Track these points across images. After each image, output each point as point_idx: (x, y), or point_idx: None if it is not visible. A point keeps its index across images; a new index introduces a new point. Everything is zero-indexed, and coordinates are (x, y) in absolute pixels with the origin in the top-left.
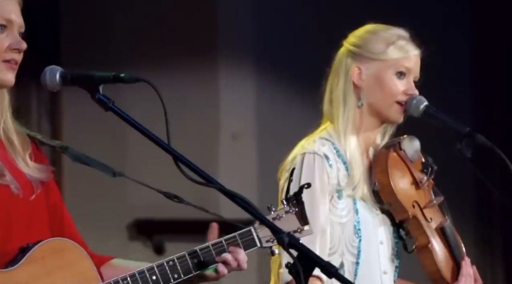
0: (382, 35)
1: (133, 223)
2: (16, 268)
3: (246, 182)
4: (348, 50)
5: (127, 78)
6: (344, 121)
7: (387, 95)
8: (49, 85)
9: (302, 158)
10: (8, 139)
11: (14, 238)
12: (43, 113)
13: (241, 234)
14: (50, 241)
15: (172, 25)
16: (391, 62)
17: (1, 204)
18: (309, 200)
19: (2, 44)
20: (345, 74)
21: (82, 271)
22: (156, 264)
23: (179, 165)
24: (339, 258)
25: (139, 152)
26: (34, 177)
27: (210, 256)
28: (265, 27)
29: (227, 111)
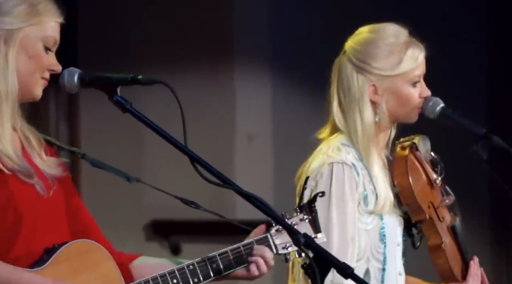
0: (385, 48)
1: (150, 224)
2: (43, 269)
3: (261, 183)
4: (355, 65)
5: (145, 80)
6: (364, 141)
7: (406, 105)
8: (68, 87)
9: (330, 168)
10: (26, 137)
11: (38, 238)
12: (62, 114)
13: (258, 240)
14: (75, 242)
15: (189, 28)
16: (405, 75)
17: (27, 205)
18: (340, 210)
19: (46, 63)
20: (359, 93)
21: (106, 273)
22: (177, 267)
23: (195, 166)
24: (365, 265)
25: (156, 153)
26: (49, 173)
27: (228, 261)
28: (280, 30)
29: (243, 113)
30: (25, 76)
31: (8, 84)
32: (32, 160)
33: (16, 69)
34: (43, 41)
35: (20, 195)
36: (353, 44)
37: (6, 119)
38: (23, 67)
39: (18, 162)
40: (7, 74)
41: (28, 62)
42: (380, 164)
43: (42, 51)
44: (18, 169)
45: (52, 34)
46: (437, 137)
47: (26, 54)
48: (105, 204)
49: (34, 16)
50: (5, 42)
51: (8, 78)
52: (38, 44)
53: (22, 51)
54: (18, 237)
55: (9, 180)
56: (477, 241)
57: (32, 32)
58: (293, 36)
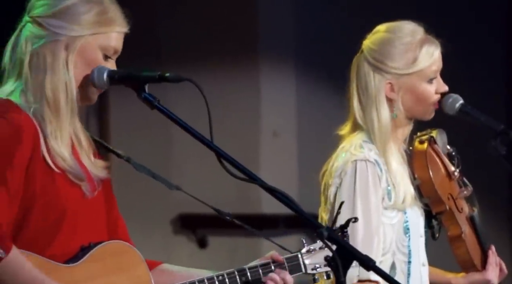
0: (401, 47)
1: (177, 218)
2: (77, 265)
3: (286, 178)
4: (371, 64)
5: (172, 77)
6: (381, 137)
7: (423, 102)
8: (97, 84)
9: (354, 165)
10: (77, 137)
11: (77, 238)
12: (92, 111)
13: (288, 258)
14: (111, 243)
15: (215, 28)
16: (421, 72)
17: (71, 205)
18: (364, 206)
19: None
20: (376, 91)
21: (138, 276)
22: (207, 277)
23: (222, 162)
24: (391, 258)
25: (184, 149)
26: (96, 175)
27: (257, 275)
28: (304, 29)
29: (268, 109)
30: (82, 82)
31: (68, 90)
32: (81, 160)
33: (74, 74)
34: (103, 50)
35: (66, 194)
36: (370, 44)
37: (65, 122)
38: (81, 73)
39: (71, 164)
40: (67, 79)
41: (86, 69)
42: (399, 159)
43: (101, 59)
44: (70, 170)
45: (114, 44)
46: (458, 132)
47: (84, 61)
48: (134, 199)
49: (99, 26)
50: (65, 47)
51: (68, 84)
52: (98, 52)
53: (81, 58)
54: (58, 235)
55: (57, 177)
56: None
57: (93, 41)
58: (316, 34)
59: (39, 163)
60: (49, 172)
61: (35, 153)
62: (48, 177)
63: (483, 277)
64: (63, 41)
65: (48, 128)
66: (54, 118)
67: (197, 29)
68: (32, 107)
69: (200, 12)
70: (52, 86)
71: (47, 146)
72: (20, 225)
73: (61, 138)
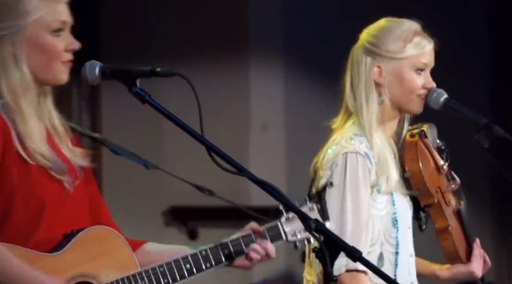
0: (397, 33)
1: (169, 210)
2: (62, 253)
3: (275, 171)
4: (366, 48)
5: (163, 72)
6: (368, 118)
7: (407, 90)
8: (89, 79)
9: (345, 158)
10: (53, 126)
11: (59, 224)
12: (84, 105)
13: (268, 228)
14: (93, 228)
15: (205, 22)
16: (409, 60)
17: (52, 198)
18: (354, 198)
19: (59, 47)
20: (365, 73)
21: (122, 258)
22: (190, 253)
23: (212, 155)
24: (379, 249)
25: (174, 142)
26: (76, 162)
27: (239, 247)
28: (293, 22)
29: (257, 103)
30: (43, 69)
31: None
32: (59, 149)
33: (32, 65)
34: (48, 29)
35: (44, 187)
36: (368, 31)
37: (33, 117)
38: (36, 62)
39: (51, 159)
40: (21, 74)
41: (40, 55)
42: (386, 145)
43: (51, 39)
44: (50, 166)
45: (55, 17)
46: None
47: (36, 48)
48: (125, 191)
49: (27, 14)
50: (12, 44)
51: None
52: (44, 34)
53: (31, 46)
54: (40, 223)
55: (33, 169)
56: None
57: (33, 28)
58: (305, 28)
59: (13, 157)
60: (24, 165)
61: (7, 148)
62: (24, 170)
63: (468, 269)
64: (7, 40)
65: (19, 127)
66: (21, 118)
67: (188, 25)
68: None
69: (191, 8)
70: (8, 86)
71: (21, 141)
72: (2, 219)
73: (34, 135)
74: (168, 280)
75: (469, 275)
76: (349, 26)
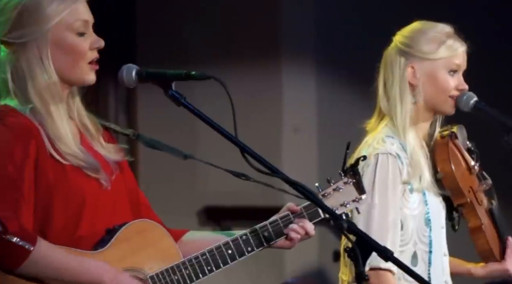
0: (431, 34)
1: (203, 210)
2: (106, 249)
3: (306, 173)
4: (400, 50)
5: (198, 75)
6: (402, 118)
7: (441, 91)
8: (126, 82)
9: (376, 158)
10: (83, 125)
11: (100, 221)
12: (120, 108)
13: (305, 207)
14: (134, 222)
15: (239, 27)
16: (443, 61)
17: (90, 195)
18: (382, 199)
19: (84, 47)
20: (400, 74)
21: (164, 249)
22: (231, 238)
23: (245, 157)
24: (412, 248)
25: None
26: (110, 158)
27: (279, 229)
28: (325, 27)
29: (289, 106)
30: (69, 70)
31: (51, 87)
32: (92, 147)
33: (58, 67)
34: (71, 29)
35: (82, 186)
36: (402, 33)
37: (59, 119)
38: (62, 63)
39: (84, 159)
40: (49, 77)
41: (65, 56)
42: (419, 145)
43: (75, 40)
44: (84, 166)
45: (77, 17)
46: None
47: (62, 50)
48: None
49: (49, 18)
50: (37, 48)
51: (50, 81)
52: (68, 36)
53: (57, 48)
54: (82, 220)
55: (68, 170)
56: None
57: (56, 30)
58: (337, 32)
59: (47, 160)
60: (59, 166)
61: (40, 151)
62: (60, 171)
63: (502, 267)
64: (32, 44)
65: (49, 130)
66: (50, 121)
67: (222, 30)
68: (28, 108)
69: (224, 12)
70: (35, 90)
71: (52, 143)
72: (44, 220)
73: (65, 136)
74: (212, 267)
75: (503, 273)
76: (380, 29)
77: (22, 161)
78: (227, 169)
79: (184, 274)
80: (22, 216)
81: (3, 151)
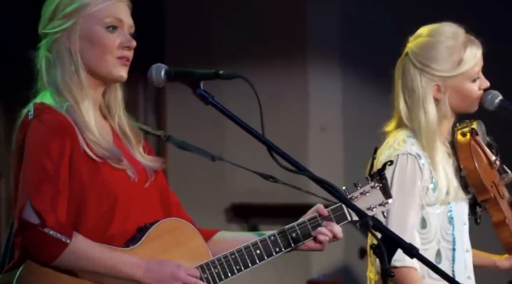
0: (446, 51)
1: (230, 208)
2: (137, 247)
3: (332, 171)
4: (418, 68)
5: (225, 74)
6: (428, 134)
7: (468, 99)
8: (155, 81)
9: (396, 159)
10: (123, 133)
11: (132, 219)
12: (150, 107)
13: (333, 210)
14: (165, 221)
15: (266, 28)
16: (466, 73)
17: (121, 187)
18: (401, 200)
19: (114, 42)
20: (422, 92)
21: (194, 248)
22: (260, 239)
23: (272, 155)
24: (436, 246)
25: (236, 142)
26: (148, 165)
27: (306, 230)
28: (351, 28)
29: (316, 105)
30: (95, 63)
31: (80, 76)
32: (128, 152)
33: (86, 59)
34: (101, 23)
35: (113, 180)
36: (414, 47)
37: (89, 107)
38: (89, 55)
39: (106, 147)
40: (77, 67)
41: (93, 49)
42: (444, 155)
43: (104, 33)
44: (108, 155)
45: (110, 14)
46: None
47: (88, 43)
48: (190, 190)
49: (83, 9)
50: (68, 39)
51: (79, 71)
52: (97, 29)
53: (85, 41)
54: (114, 218)
55: (100, 166)
56: None
57: (87, 22)
58: (363, 32)
59: (81, 156)
60: (92, 163)
61: (75, 148)
62: (93, 168)
63: None
64: (63, 36)
65: (78, 119)
66: (79, 108)
67: (249, 30)
68: (64, 106)
69: (252, 13)
70: (66, 80)
71: (85, 139)
72: (77, 218)
73: (90, 124)
74: (240, 266)
75: None
76: (406, 28)
77: (59, 158)
78: (255, 171)
79: (213, 272)
80: (59, 211)
81: (41, 147)
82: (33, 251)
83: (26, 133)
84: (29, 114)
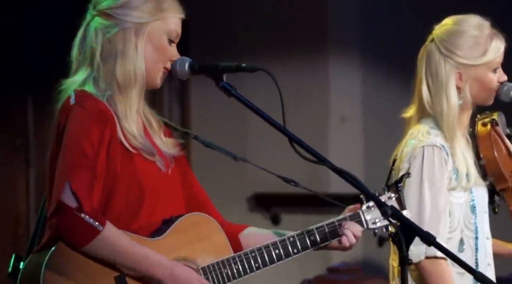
0: (473, 39)
1: (253, 197)
2: (162, 238)
3: (352, 161)
4: (443, 54)
5: (248, 67)
6: (450, 124)
7: (488, 90)
8: (179, 74)
9: (422, 151)
10: (147, 120)
11: (158, 210)
12: (174, 99)
13: (350, 216)
14: (190, 215)
15: (288, 21)
16: (488, 64)
17: (150, 180)
18: (431, 188)
19: (168, 54)
20: (445, 78)
21: (217, 243)
22: (279, 239)
23: (294, 146)
24: (459, 235)
25: (259, 133)
26: (168, 152)
27: (324, 234)
28: (370, 17)
29: (336, 96)
30: (150, 65)
31: (137, 72)
32: (153, 141)
33: (146, 60)
34: (167, 34)
35: (144, 171)
36: (441, 34)
37: (133, 102)
38: (149, 57)
39: (141, 141)
40: (136, 62)
41: (153, 52)
42: (464, 143)
43: (166, 43)
44: (142, 147)
45: (175, 28)
46: None
47: (152, 45)
48: (213, 180)
49: (160, 12)
50: (135, 33)
51: (138, 66)
52: (163, 37)
53: (149, 42)
54: (141, 210)
55: (134, 157)
56: None
57: (158, 26)
58: (382, 24)
59: (118, 145)
60: (126, 153)
61: (113, 137)
62: (127, 158)
63: None
64: (132, 28)
65: (119, 110)
66: (123, 100)
67: (271, 24)
68: (105, 95)
69: (273, 7)
70: (123, 70)
71: (122, 129)
72: (105, 205)
73: (131, 118)
74: (259, 264)
75: None
76: (425, 20)
77: (98, 145)
78: (278, 175)
79: (234, 268)
80: (94, 197)
81: (82, 132)
82: (66, 234)
83: (68, 117)
84: (70, 99)
